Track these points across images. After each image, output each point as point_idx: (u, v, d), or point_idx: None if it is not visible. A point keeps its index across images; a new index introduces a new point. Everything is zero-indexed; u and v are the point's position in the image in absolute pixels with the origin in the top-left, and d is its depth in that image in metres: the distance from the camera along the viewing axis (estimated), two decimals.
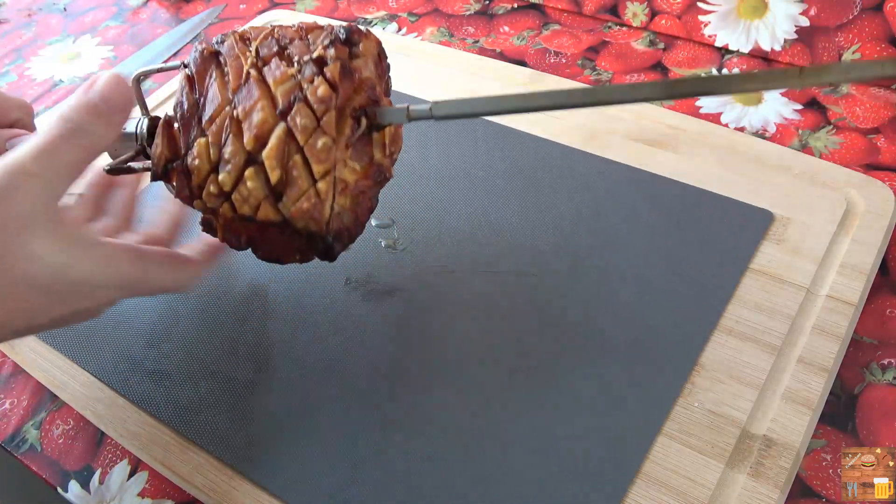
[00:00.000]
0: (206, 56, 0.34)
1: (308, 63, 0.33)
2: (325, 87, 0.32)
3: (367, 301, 0.43)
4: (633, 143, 0.50)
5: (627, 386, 0.37)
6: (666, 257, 0.43)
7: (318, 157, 0.32)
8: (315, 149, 0.32)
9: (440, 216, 0.47)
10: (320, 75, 0.33)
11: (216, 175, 0.33)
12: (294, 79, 0.33)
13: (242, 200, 0.33)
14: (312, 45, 0.34)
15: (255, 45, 0.34)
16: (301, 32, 0.35)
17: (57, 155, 0.31)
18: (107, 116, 0.33)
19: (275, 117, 0.32)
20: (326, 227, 0.33)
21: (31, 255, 0.31)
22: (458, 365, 0.39)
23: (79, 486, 0.39)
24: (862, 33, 0.53)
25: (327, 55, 0.33)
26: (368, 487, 0.35)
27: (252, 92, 0.33)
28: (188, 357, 0.41)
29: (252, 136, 0.32)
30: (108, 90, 0.33)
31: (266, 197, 0.33)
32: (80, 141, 0.32)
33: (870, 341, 0.40)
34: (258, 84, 0.33)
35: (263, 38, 0.35)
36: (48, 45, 0.72)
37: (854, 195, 0.45)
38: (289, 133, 0.32)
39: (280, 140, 0.32)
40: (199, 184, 0.33)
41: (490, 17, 0.66)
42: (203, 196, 0.33)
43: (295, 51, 0.34)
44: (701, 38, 0.60)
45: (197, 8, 0.73)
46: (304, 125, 0.32)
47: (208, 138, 0.33)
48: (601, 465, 0.35)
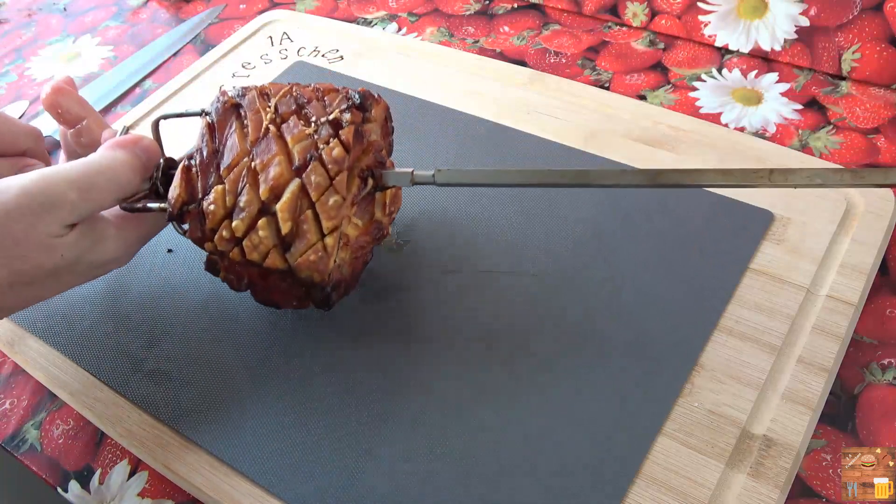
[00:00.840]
0: (228, 107, 0.37)
1: (325, 124, 0.36)
2: (340, 149, 0.35)
3: (367, 301, 0.43)
4: (633, 143, 0.50)
5: (627, 386, 0.37)
6: (666, 257, 0.43)
7: (329, 213, 0.35)
8: (326, 205, 0.35)
9: (440, 216, 0.47)
10: (335, 137, 0.35)
11: (230, 221, 0.35)
12: (311, 138, 0.35)
13: (252, 247, 0.35)
14: (329, 106, 0.37)
15: (275, 101, 0.37)
16: (318, 93, 0.37)
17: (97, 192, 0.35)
18: (143, 168, 0.37)
19: (290, 172, 0.35)
20: (328, 278, 0.35)
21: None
22: (457, 365, 0.39)
23: (79, 486, 0.39)
24: (862, 33, 0.53)
25: (343, 118, 0.36)
26: (368, 487, 0.35)
27: (270, 146, 0.35)
28: (188, 357, 0.41)
29: (268, 188, 0.35)
30: (150, 147, 0.38)
31: (275, 246, 0.35)
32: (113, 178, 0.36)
33: (870, 341, 0.40)
34: (276, 140, 0.35)
35: (282, 95, 0.37)
36: (48, 45, 0.72)
37: (854, 195, 0.45)
38: (303, 189, 0.35)
39: (294, 195, 0.35)
40: (213, 227, 0.35)
41: (490, 17, 0.66)
42: (215, 239, 0.36)
43: (312, 111, 0.36)
44: (701, 38, 0.60)
45: (197, 8, 0.73)
46: (318, 183, 0.35)
47: (226, 186, 0.35)
48: (601, 465, 0.35)
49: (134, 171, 0.37)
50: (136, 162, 0.37)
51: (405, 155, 0.51)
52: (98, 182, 0.35)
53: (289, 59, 0.62)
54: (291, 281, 0.36)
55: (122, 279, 0.46)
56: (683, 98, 0.55)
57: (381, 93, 0.56)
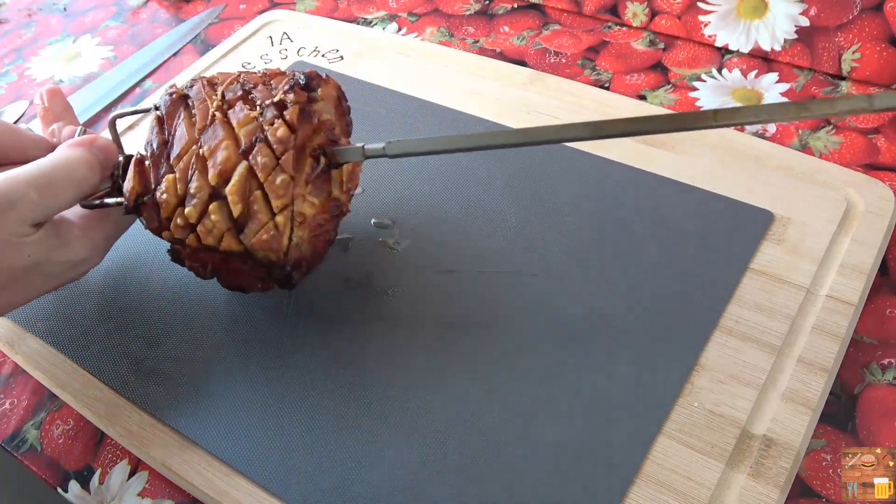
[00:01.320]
0: (176, 99, 0.38)
1: (269, 107, 0.37)
2: (285, 129, 0.36)
3: (367, 301, 0.43)
4: (633, 143, 0.50)
5: (627, 386, 0.37)
6: (666, 257, 0.43)
7: (277, 192, 0.35)
8: (274, 185, 0.35)
9: (440, 216, 0.47)
10: (280, 118, 0.36)
11: (183, 208, 0.36)
12: (256, 121, 0.36)
13: (207, 232, 0.36)
14: (274, 90, 0.38)
15: (221, 89, 0.38)
16: (265, 78, 0.38)
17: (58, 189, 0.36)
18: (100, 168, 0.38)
19: (238, 156, 0.36)
20: (285, 257, 0.36)
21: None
22: (457, 365, 0.39)
23: (79, 486, 0.39)
24: (862, 33, 0.53)
25: (287, 99, 0.37)
26: (369, 487, 0.35)
27: (217, 132, 0.36)
28: (188, 357, 0.41)
29: (216, 173, 0.35)
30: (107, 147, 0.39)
31: (229, 229, 0.36)
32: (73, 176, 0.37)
33: (870, 341, 0.40)
34: (223, 125, 0.36)
35: (229, 82, 0.38)
36: (48, 45, 0.72)
37: (854, 195, 0.45)
38: (250, 171, 0.35)
39: (242, 177, 0.35)
40: (168, 216, 0.36)
41: (490, 17, 0.66)
42: (171, 227, 0.36)
43: (258, 95, 0.37)
44: (701, 38, 0.60)
45: (197, 8, 0.73)
46: (265, 163, 0.35)
47: (176, 175, 0.36)
48: (601, 465, 0.35)
49: (91, 168, 0.38)
50: (93, 159, 0.38)
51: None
52: (56, 180, 0.36)
53: (289, 59, 0.62)
54: (252, 263, 0.36)
55: (122, 279, 0.46)
56: (683, 98, 0.55)
57: (381, 93, 0.56)
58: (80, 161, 0.37)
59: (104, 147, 0.39)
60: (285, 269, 0.37)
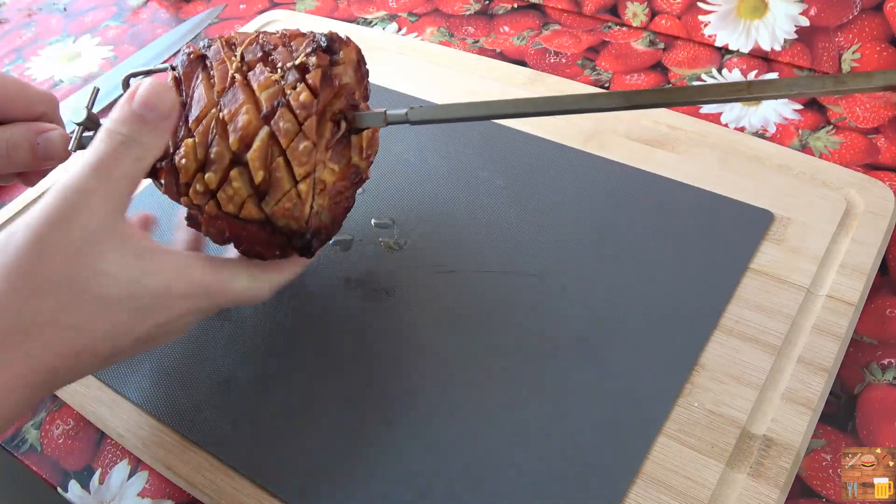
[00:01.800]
0: (193, 59, 0.36)
1: (291, 69, 0.35)
2: (307, 93, 0.34)
3: (367, 301, 0.43)
4: (633, 143, 0.50)
5: (627, 386, 0.37)
6: (666, 257, 0.43)
7: (300, 159, 0.34)
8: (297, 152, 0.34)
9: (440, 216, 0.47)
10: (302, 82, 0.35)
11: (202, 174, 0.34)
12: (277, 84, 0.35)
13: (227, 199, 0.34)
14: (295, 52, 0.36)
15: (241, 50, 0.36)
16: (284, 39, 0.37)
17: (112, 169, 0.32)
18: (153, 124, 0.33)
19: (259, 121, 0.34)
20: (306, 225, 0.35)
21: (103, 272, 0.30)
22: (457, 365, 0.39)
23: (79, 486, 0.39)
24: (862, 33, 0.53)
25: (309, 62, 0.35)
26: (369, 486, 0.35)
27: (237, 96, 0.34)
28: (188, 357, 0.41)
29: (237, 138, 0.34)
30: (150, 98, 0.33)
31: (250, 196, 0.34)
32: (132, 152, 0.32)
33: (870, 341, 0.40)
34: (243, 88, 0.35)
35: (248, 43, 0.36)
36: (48, 45, 0.72)
37: (854, 195, 0.45)
38: (272, 136, 0.34)
39: (264, 143, 0.34)
40: (187, 182, 0.35)
41: (490, 17, 0.66)
42: (190, 193, 0.35)
43: (279, 57, 0.36)
44: (701, 38, 0.60)
45: (197, 8, 0.73)
46: (287, 129, 0.34)
47: (195, 139, 0.34)
48: (601, 465, 0.35)
49: (147, 131, 0.33)
50: (144, 120, 0.33)
51: (406, 155, 0.51)
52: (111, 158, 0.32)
53: None
54: (271, 230, 0.35)
55: None
56: None
57: (381, 93, 0.56)
58: (130, 126, 0.33)
59: (149, 98, 0.33)
60: (305, 238, 0.35)
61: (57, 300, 0.29)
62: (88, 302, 0.30)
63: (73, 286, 0.30)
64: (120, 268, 0.31)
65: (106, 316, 0.31)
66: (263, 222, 0.35)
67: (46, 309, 0.29)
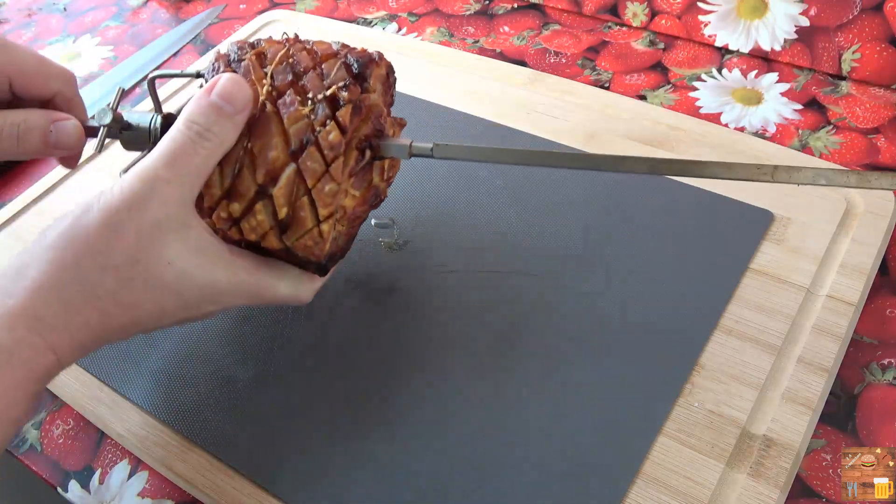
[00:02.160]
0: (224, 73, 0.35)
1: (321, 102, 0.34)
2: (337, 133, 0.34)
3: (367, 301, 0.43)
4: (633, 143, 0.50)
5: (627, 386, 0.37)
6: (666, 257, 0.43)
7: (325, 201, 0.34)
8: (322, 192, 0.34)
9: (440, 216, 0.47)
10: (332, 119, 0.34)
11: (227, 202, 0.35)
12: (307, 118, 0.34)
13: (251, 229, 0.35)
14: (326, 77, 0.35)
15: (271, 69, 0.35)
16: (315, 58, 0.36)
17: (187, 158, 0.33)
18: (230, 117, 0.33)
19: (287, 156, 0.34)
20: (324, 257, 0.36)
21: (165, 259, 0.32)
22: (457, 365, 0.39)
23: (79, 486, 0.39)
24: (862, 33, 0.53)
25: (340, 96, 0.34)
26: (369, 486, 0.35)
27: (267, 127, 0.34)
28: (188, 357, 0.41)
29: (264, 172, 0.34)
30: (229, 90, 0.34)
31: (272, 228, 0.35)
32: (208, 143, 0.33)
33: (870, 341, 0.40)
34: (274, 119, 0.34)
35: (279, 62, 0.36)
36: (48, 45, 0.72)
37: (854, 195, 0.45)
38: (298, 174, 0.34)
39: (290, 180, 0.34)
40: (211, 206, 0.35)
41: (490, 17, 0.66)
42: (213, 217, 0.35)
43: (309, 84, 0.35)
44: (701, 38, 0.60)
45: (197, 8, 0.73)
46: (314, 169, 0.34)
47: (222, 167, 0.34)
48: (601, 465, 0.35)
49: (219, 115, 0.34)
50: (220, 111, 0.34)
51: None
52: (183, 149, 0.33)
53: None
54: (287, 256, 0.36)
55: None
56: (683, 98, 0.55)
57: None
58: (207, 117, 0.33)
59: (228, 91, 0.33)
60: (321, 263, 0.36)
61: (118, 278, 0.31)
62: (146, 284, 0.32)
63: (136, 267, 0.32)
64: (180, 258, 0.33)
65: (157, 299, 0.33)
66: (283, 251, 0.35)
67: (108, 284, 0.31)
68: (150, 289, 0.32)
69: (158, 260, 0.32)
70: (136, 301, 0.32)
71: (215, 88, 0.33)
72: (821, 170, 0.31)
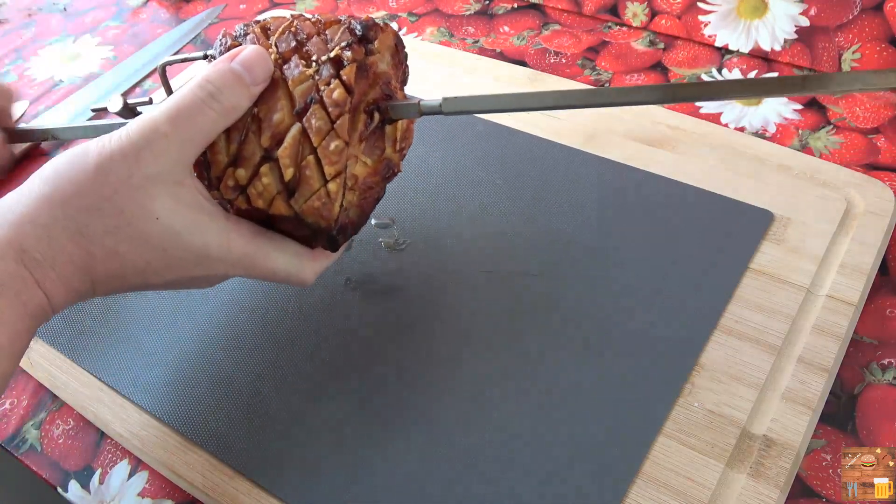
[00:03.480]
0: (230, 47, 0.35)
1: (325, 64, 0.34)
2: (341, 90, 0.33)
3: (367, 301, 0.43)
4: (633, 143, 0.50)
5: (627, 386, 0.37)
6: (666, 257, 0.43)
7: (331, 158, 0.33)
8: (328, 150, 0.33)
9: (440, 216, 0.47)
10: (336, 78, 0.34)
11: (233, 169, 0.34)
12: (312, 79, 0.34)
13: (257, 195, 0.34)
14: (330, 41, 0.35)
15: (274, 39, 0.35)
16: (319, 26, 0.36)
17: (192, 117, 0.32)
18: (245, 86, 0.33)
19: (291, 117, 0.34)
20: (334, 223, 0.35)
21: (153, 213, 0.32)
22: (457, 365, 0.39)
23: (79, 486, 0.39)
24: (862, 33, 0.53)
25: (344, 56, 0.34)
26: (369, 486, 0.35)
27: (273, 92, 0.34)
28: (188, 357, 0.41)
29: (269, 135, 0.33)
30: (253, 60, 0.33)
31: (279, 192, 0.34)
32: (217, 106, 0.32)
33: (870, 341, 0.40)
34: (279, 84, 0.34)
35: (282, 32, 0.35)
36: (48, 45, 0.72)
37: (854, 195, 0.45)
38: (303, 133, 0.33)
39: (295, 140, 0.33)
40: (218, 175, 0.34)
41: (490, 17, 0.66)
42: (221, 188, 0.35)
43: (313, 48, 0.35)
44: (701, 38, 0.60)
45: (197, 8, 0.73)
46: (319, 127, 0.33)
47: (227, 133, 0.34)
48: (601, 465, 0.35)
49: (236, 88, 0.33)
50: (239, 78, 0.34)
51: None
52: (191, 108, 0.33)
53: None
54: (297, 224, 0.35)
55: None
56: None
57: None
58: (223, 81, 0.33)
59: (250, 60, 0.33)
60: (331, 234, 0.35)
61: (105, 224, 0.31)
62: (131, 236, 0.32)
63: (121, 217, 0.31)
64: (168, 215, 0.32)
65: (142, 253, 0.32)
66: (292, 218, 0.34)
67: (94, 227, 0.31)
68: (133, 241, 0.32)
69: (144, 213, 0.32)
70: (122, 250, 0.32)
71: (238, 56, 0.33)
72: (857, 73, 0.29)
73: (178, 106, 0.32)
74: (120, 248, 0.32)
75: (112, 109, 0.38)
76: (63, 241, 0.31)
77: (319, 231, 0.35)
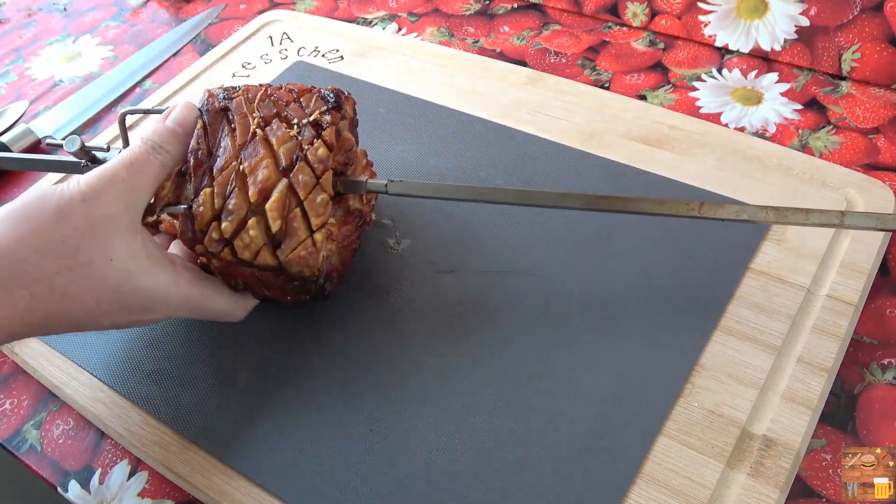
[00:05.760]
0: (218, 110, 0.38)
1: (306, 126, 0.38)
2: (325, 149, 0.37)
3: (367, 301, 0.43)
4: (633, 143, 0.50)
5: (627, 386, 0.37)
6: (666, 257, 0.43)
7: (317, 210, 0.37)
8: (315, 203, 0.37)
9: (440, 216, 0.47)
10: (319, 138, 0.37)
11: (218, 223, 0.36)
12: (295, 139, 0.37)
13: (244, 247, 0.36)
14: (307, 108, 0.39)
15: (256, 104, 0.39)
16: (293, 95, 0.40)
17: (142, 167, 0.36)
18: (181, 138, 0.38)
19: (278, 174, 0.37)
20: (318, 271, 0.37)
21: (108, 255, 0.33)
22: (457, 365, 0.39)
23: (79, 486, 0.39)
24: (862, 33, 0.53)
25: (322, 120, 0.38)
26: (369, 487, 0.35)
27: (258, 150, 0.37)
28: (188, 357, 0.42)
29: (257, 191, 0.36)
30: (182, 116, 0.38)
31: (265, 244, 0.36)
32: (161, 158, 0.37)
33: (870, 341, 0.40)
34: (263, 143, 0.37)
35: (260, 99, 0.39)
36: (48, 45, 0.72)
37: (854, 195, 0.45)
38: (290, 188, 0.36)
39: (283, 194, 0.36)
40: (202, 229, 0.37)
41: (490, 17, 0.66)
42: (205, 241, 0.37)
43: (292, 113, 0.38)
44: (701, 38, 0.60)
45: (197, 8, 0.73)
46: (306, 182, 0.37)
47: (214, 189, 0.37)
48: (601, 465, 0.35)
49: (170, 139, 0.38)
50: (171, 130, 0.38)
51: (406, 155, 0.51)
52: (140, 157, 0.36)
53: (289, 59, 0.62)
54: (284, 277, 0.37)
55: None
56: (683, 98, 0.55)
57: (381, 93, 0.56)
58: (161, 137, 0.37)
59: (181, 116, 0.38)
60: (318, 283, 0.38)
61: (57, 264, 0.32)
62: (84, 276, 0.33)
63: (77, 256, 0.33)
64: (122, 257, 0.34)
65: (94, 293, 0.33)
66: (277, 269, 0.37)
67: (46, 268, 0.32)
68: (88, 281, 0.33)
69: (101, 254, 0.33)
70: (71, 291, 0.33)
71: (171, 115, 0.38)
72: (743, 207, 0.35)
73: (131, 157, 0.36)
74: (72, 288, 0.33)
75: (68, 149, 0.40)
76: (8, 283, 0.31)
77: (305, 280, 0.37)
